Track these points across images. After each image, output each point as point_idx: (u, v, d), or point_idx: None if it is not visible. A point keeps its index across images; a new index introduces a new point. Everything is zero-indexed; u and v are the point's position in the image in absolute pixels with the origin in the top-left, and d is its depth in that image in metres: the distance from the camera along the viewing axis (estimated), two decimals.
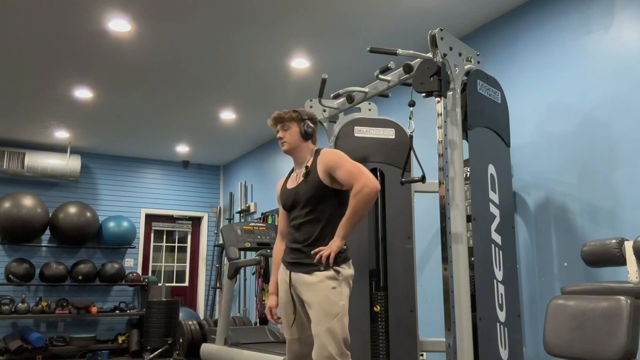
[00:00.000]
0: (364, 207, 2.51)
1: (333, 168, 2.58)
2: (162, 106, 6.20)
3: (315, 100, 3.93)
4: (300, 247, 2.59)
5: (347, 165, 2.57)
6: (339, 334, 2.46)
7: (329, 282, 2.50)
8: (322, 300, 2.48)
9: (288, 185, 2.74)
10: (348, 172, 2.55)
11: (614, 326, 2.38)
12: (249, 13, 4.16)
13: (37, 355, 6.76)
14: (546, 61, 3.79)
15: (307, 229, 2.60)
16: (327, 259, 2.48)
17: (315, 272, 2.52)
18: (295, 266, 2.60)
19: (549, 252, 3.60)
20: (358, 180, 2.51)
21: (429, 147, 4.41)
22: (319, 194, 2.60)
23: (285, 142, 2.71)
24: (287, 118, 2.71)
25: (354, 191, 2.50)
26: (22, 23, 4.29)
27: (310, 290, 2.52)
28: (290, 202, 2.69)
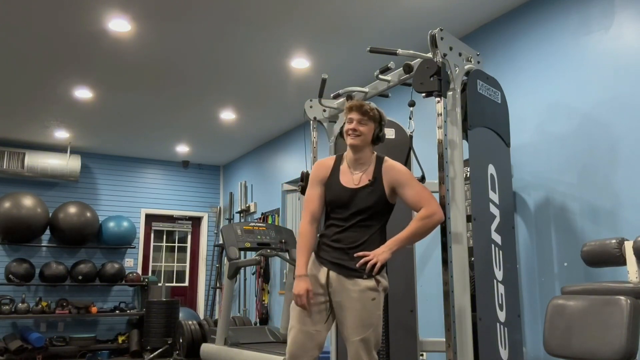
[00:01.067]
0: (427, 232, 2.52)
1: (401, 184, 2.57)
2: (162, 106, 6.20)
3: (315, 100, 3.93)
4: (345, 249, 2.53)
5: (418, 187, 2.56)
6: (373, 343, 2.48)
7: (369, 292, 2.47)
8: (360, 310, 2.46)
9: (342, 181, 2.61)
10: (419, 194, 2.54)
11: (614, 326, 2.38)
12: (249, 13, 4.16)
13: (37, 355, 6.77)
14: (546, 61, 3.79)
15: (356, 233, 2.55)
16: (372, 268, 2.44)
17: (357, 279, 2.48)
18: (337, 267, 2.53)
19: (549, 252, 3.60)
20: (430, 205, 2.52)
21: (429, 147, 4.41)
22: (379, 205, 2.57)
23: (360, 137, 2.59)
24: (371, 114, 2.62)
25: (423, 214, 2.50)
26: (22, 23, 4.29)
27: (349, 297, 2.48)
28: (344, 201, 2.58)
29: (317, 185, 2.65)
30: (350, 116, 2.62)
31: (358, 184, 2.59)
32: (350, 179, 2.61)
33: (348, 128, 2.61)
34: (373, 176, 2.59)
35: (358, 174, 2.62)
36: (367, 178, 2.59)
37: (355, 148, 2.62)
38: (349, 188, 2.58)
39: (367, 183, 2.58)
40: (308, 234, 2.58)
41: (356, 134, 2.59)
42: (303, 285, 2.48)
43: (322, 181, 2.65)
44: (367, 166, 2.63)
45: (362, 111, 2.60)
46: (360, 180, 2.59)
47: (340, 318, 2.51)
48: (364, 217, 2.55)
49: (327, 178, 2.64)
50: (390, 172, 2.60)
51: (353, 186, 2.59)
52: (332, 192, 2.61)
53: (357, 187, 2.58)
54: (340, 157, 2.71)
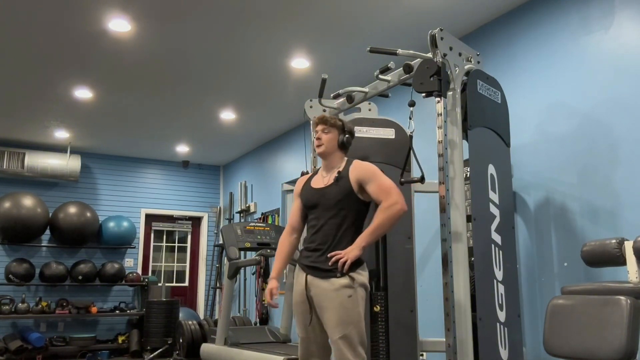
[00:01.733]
0: (390, 223, 2.62)
1: (366, 179, 2.68)
2: (162, 106, 6.20)
3: (315, 100, 3.93)
4: (319, 249, 2.66)
5: (381, 180, 2.68)
6: (356, 339, 2.54)
7: (344, 290, 2.56)
8: (338, 308, 2.54)
9: (313, 185, 2.80)
10: (381, 186, 2.66)
11: (614, 326, 2.38)
12: (249, 13, 4.16)
13: (37, 355, 6.77)
14: (546, 61, 3.79)
15: (328, 231, 2.67)
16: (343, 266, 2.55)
17: (331, 278, 2.58)
18: (312, 270, 2.66)
19: (549, 252, 3.60)
20: (390, 196, 2.62)
21: (429, 147, 4.42)
22: (347, 200, 2.69)
23: (323, 145, 2.80)
24: (331, 122, 2.83)
25: (384, 205, 2.61)
26: (22, 23, 4.29)
27: (326, 297, 2.58)
28: (314, 202, 2.75)
29: (296, 199, 2.90)
30: (316, 129, 2.85)
31: (326, 184, 2.77)
32: (321, 181, 2.80)
33: (314, 140, 2.88)
34: (340, 174, 2.75)
35: (328, 176, 2.80)
36: (334, 176, 2.77)
37: (323, 155, 2.83)
38: (318, 188, 2.77)
39: (333, 180, 2.75)
40: (284, 243, 2.86)
41: (320, 142, 2.81)
42: (270, 284, 2.74)
43: (298, 193, 2.88)
44: (338, 168, 2.81)
45: (323, 121, 2.83)
46: (329, 181, 2.77)
47: (323, 319, 2.61)
48: (332, 213, 2.69)
49: (301, 188, 2.87)
50: (356, 169, 2.74)
51: (322, 186, 2.77)
52: (305, 196, 2.82)
53: (325, 186, 2.75)
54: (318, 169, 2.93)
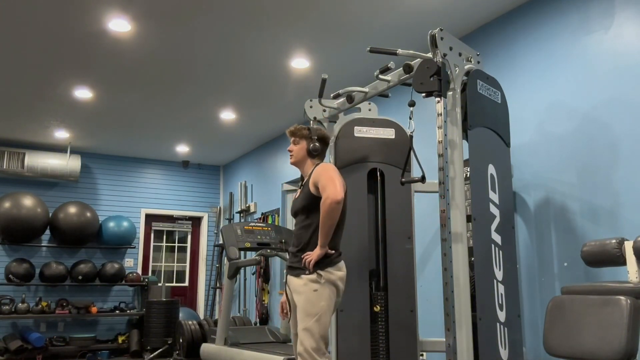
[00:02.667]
0: (328, 217, 2.71)
1: (317, 181, 2.83)
2: (162, 106, 6.20)
3: (315, 100, 3.93)
4: (294, 252, 2.88)
5: (323, 178, 2.80)
6: (316, 332, 2.69)
7: (311, 284, 2.75)
8: (304, 301, 2.75)
9: (295, 196, 3.02)
10: (322, 184, 2.78)
11: (614, 326, 2.38)
12: (249, 13, 4.16)
13: (37, 355, 6.77)
14: (546, 61, 3.79)
15: (301, 235, 2.88)
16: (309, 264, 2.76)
17: (302, 275, 2.79)
18: (290, 269, 2.90)
19: (549, 252, 3.60)
20: (324, 191, 2.74)
21: (429, 147, 4.42)
22: (310, 204, 2.86)
23: (292, 155, 3.01)
24: (298, 134, 3.00)
25: (322, 200, 2.74)
26: (22, 23, 4.29)
27: (297, 292, 2.80)
28: (293, 211, 2.98)
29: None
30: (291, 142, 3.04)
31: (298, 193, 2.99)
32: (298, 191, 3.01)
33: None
34: (303, 180, 2.97)
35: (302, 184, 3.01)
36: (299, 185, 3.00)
37: (295, 165, 3.04)
38: (295, 199, 2.99)
39: (300, 188, 2.98)
40: None
41: (290, 154, 3.03)
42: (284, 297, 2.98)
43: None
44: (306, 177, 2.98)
45: (292, 133, 3.01)
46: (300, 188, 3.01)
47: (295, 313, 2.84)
48: (303, 217, 2.89)
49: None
50: (314, 173, 2.88)
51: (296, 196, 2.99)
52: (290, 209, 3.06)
53: (297, 195, 2.98)
54: None
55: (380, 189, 3.61)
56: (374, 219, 3.59)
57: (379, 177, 3.61)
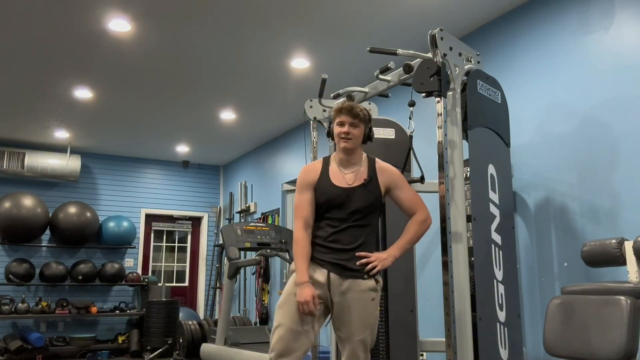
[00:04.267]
0: (422, 236, 2.64)
1: (397, 186, 2.65)
2: (162, 106, 6.20)
3: (315, 100, 3.93)
4: (345, 249, 2.52)
5: (412, 191, 2.67)
6: (369, 343, 2.53)
7: (370, 293, 2.50)
8: (362, 310, 2.48)
9: (335, 181, 2.59)
10: (414, 197, 2.65)
11: (614, 326, 2.38)
12: (249, 13, 4.16)
13: (37, 355, 6.77)
14: (546, 61, 3.79)
15: (355, 233, 2.55)
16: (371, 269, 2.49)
17: (358, 279, 2.50)
18: (337, 267, 2.51)
19: (549, 252, 3.60)
20: (423, 209, 2.64)
21: (429, 147, 4.41)
22: (375, 204, 2.61)
23: (352, 140, 2.59)
24: (361, 116, 2.62)
25: (420, 218, 2.61)
26: (22, 23, 4.29)
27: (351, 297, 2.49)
28: (339, 201, 2.56)
29: (307, 190, 2.61)
30: (341, 119, 2.61)
31: (352, 183, 2.59)
32: (342, 179, 2.60)
33: (340, 131, 2.60)
34: (368, 175, 2.61)
35: (350, 173, 2.62)
36: (362, 177, 2.60)
37: (348, 151, 2.62)
38: (344, 188, 2.57)
39: (363, 182, 2.59)
40: (304, 240, 2.54)
41: (348, 137, 2.59)
42: (309, 291, 2.43)
43: (311, 185, 2.61)
44: (359, 166, 2.64)
45: (354, 114, 2.59)
46: (355, 180, 2.60)
47: (341, 318, 2.50)
48: (360, 216, 2.56)
49: (316, 181, 2.61)
50: (385, 172, 2.65)
51: (346, 186, 2.58)
52: (326, 194, 2.57)
53: (351, 187, 2.58)
54: (328, 159, 2.70)
55: None
56: None
57: None
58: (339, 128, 2.61)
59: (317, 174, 2.63)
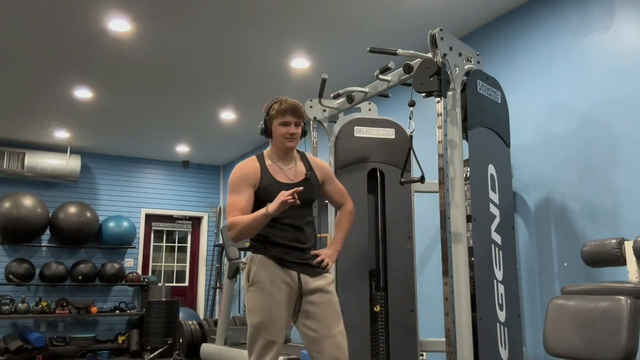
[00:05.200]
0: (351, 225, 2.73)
1: (329, 179, 2.68)
2: (162, 106, 6.20)
3: (315, 100, 3.93)
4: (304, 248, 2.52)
5: (339, 182, 2.75)
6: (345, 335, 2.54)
7: (333, 285, 2.57)
8: (334, 302, 2.50)
9: (278, 178, 2.54)
10: (341, 189, 2.73)
11: (614, 326, 2.38)
12: (249, 13, 4.16)
13: (37, 355, 6.76)
14: (546, 61, 3.79)
15: (309, 231, 2.56)
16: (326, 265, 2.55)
17: (323, 274, 2.53)
18: (304, 267, 2.50)
19: (549, 252, 3.60)
20: (349, 200, 2.73)
21: (429, 147, 4.41)
22: (316, 198, 2.65)
23: (296, 139, 2.59)
24: (303, 115, 2.63)
25: (349, 209, 2.71)
26: (22, 23, 4.29)
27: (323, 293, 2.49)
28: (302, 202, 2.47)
29: (246, 188, 2.53)
30: (286, 120, 2.58)
31: (294, 179, 2.56)
32: (284, 175, 2.56)
33: (287, 131, 2.56)
34: (307, 170, 2.60)
35: (289, 169, 2.59)
36: (302, 172, 2.59)
37: (290, 150, 2.60)
38: (289, 184, 2.51)
39: (305, 177, 2.57)
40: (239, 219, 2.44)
41: (294, 137, 2.57)
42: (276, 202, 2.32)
43: (252, 184, 2.54)
44: (294, 161, 2.63)
45: (299, 114, 2.60)
46: (296, 176, 2.57)
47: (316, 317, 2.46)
48: (308, 211, 2.58)
49: (258, 180, 2.55)
50: (319, 166, 2.67)
51: (290, 182, 2.53)
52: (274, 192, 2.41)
53: (294, 183, 2.53)
54: (262, 157, 2.66)
55: (380, 189, 3.61)
56: (374, 219, 3.59)
57: (379, 177, 3.61)
58: (283, 128, 2.57)
59: (257, 172, 2.57)
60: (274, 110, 2.64)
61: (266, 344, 2.41)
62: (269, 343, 2.41)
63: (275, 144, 2.62)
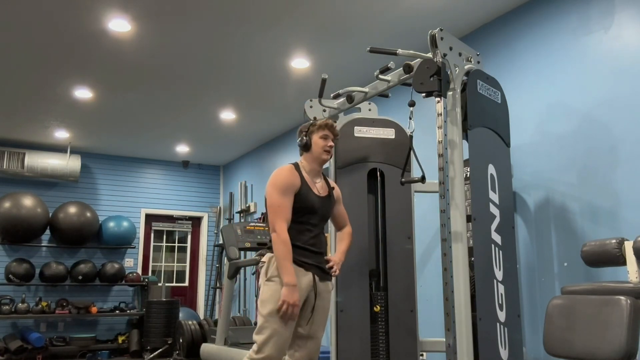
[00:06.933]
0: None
1: (339, 201, 2.98)
2: (162, 106, 6.20)
3: (315, 100, 3.93)
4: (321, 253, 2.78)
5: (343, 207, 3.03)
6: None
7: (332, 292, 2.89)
8: (327, 308, 2.79)
9: (315, 191, 2.79)
10: (345, 213, 3.01)
11: (614, 326, 2.38)
12: (249, 13, 4.16)
13: (37, 355, 6.77)
14: (546, 61, 3.79)
15: (322, 238, 2.83)
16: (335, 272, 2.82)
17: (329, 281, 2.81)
18: (320, 270, 2.75)
19: (549, 252, 3.60)
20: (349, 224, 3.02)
21: (429, 147, 4.42)
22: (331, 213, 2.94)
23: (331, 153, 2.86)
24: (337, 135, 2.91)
25: (349, 231, 2.99)
26: (22, 23, 4.29)
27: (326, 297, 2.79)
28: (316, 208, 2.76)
29: (290, 194, 2.71)
30: (326, 133, 2.82)
31: (321, 193, 2.82)
32: (316, 188, 2.82)
33: (326, 144, 2.81)
34: (329, 187, 2.90)
35: (318, 184, 2.85)
36: (325, 188, 2.87)
37: (324, 163, 2.86)
38: (320, 196, 2.80)
39: (327, 193, 2.86)
40: (289, 242, 2.63)
41: (331, 150, 2.84)
42: (297, 295, 2.56)
43: (294, 190, 2.73)
44: (321, 177, 2.89)
45: (336, 133, 2.86)
46: (322, 190, 2.84)
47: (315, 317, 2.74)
48: (324, 223, 2.86)
49: (299, 187, 2.75)
50: (334, 187, 2.97)
51: (320, 195, 2.81)
52: (309, 200, 2.74)
53: (322, 196, 2.82)
54: (298, 168, 2.84)
55: (380, 189, 3.61)
56: (374, 219, 3.59)
57: (379, 177, 3.61)
58: (323, 141, 2.81)
59: (299, 181, 2.77)
60: (314, 126, 2.86)
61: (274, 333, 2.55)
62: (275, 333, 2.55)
63: (314, 156, 2.83)
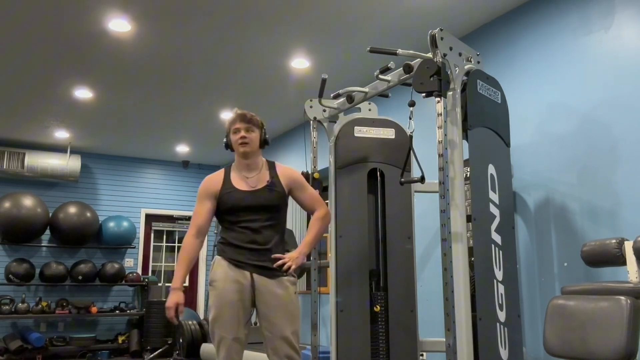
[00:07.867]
0: (324, 231, 2.81)
1: (298, 187, 2.83)
2: (162, 106, 6.20)
3: (315, 100, 3.93)
4: (262, 250, 2.68)
5: (310, 189, 2.87)
6: (299, 334, 2.68)
7: (292, 287, 2.70)
8: (289, 304, 2.65)
9: (237, 186, 2.74)
10: (312, 196, 2.86)
11: (614, 326, 2.38)
12: (249, 13, 4.16)
13: (37, 355, 6.77)
14: (546, 61, 3.79)
15: (268, 233, 2.71)
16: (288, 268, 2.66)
17: (280, 277, 2.67)
18: (259, 269, 2.66)
19: (549, 252, 3.60)
20: (322, 205, 2.84)
21: (429, 147, 4.42)
22: (281, 204, 2.78)
23: (249, 144, 2.76)
24: (254, 121, 2.80)
25: (320, 215, 2.81)
26: (22, 23, 4.29)
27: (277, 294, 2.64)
28: (246, 204, 2.70)
29: (206, 200, 2.75)
30: (236, 127, 2.77)
31: (256, 186, 2.74)
32: (246, 183, 2.75)
33: (237, 137, 2.76)
34: (270, 176, 2.79)
35: (252, 177, 2.77)
36: (265, 179, 2.77)
37: (247, 155, 2.77)
38: (249, 191, 2.73)
39: (266, 184, 2.76)
40: (191, 247, 2.69)
41: (245, 141, 2.75)
42: (175, 298, 2.60)
43: (212, 195, 2.75)
44: (260, 170, 2.81)
45: (247, 119, 2.77)
46: (258, 183, 2.76)
47: (268, 317, 2.62)
48: (270, 215, 2.72)
49: (219, 190, 2.75)
50: (286, 172, 2.84)
51: (250, 189, 2.73)
52: (231, 199, 2.71)
53: (255, 189, 2.73)
54: (229, 169, 2.84)
55: (380, 189, 3.61)
56: (374, 219, 3.59)
57: (379, 177, 3.61)
58: (235, 135, 2.78)
59: (219, 183, 2.77)
60: (227, 123, 2.85)
61: (220, 339, 2.60)
62: (221, 338, 2.59)
63: (236, 152, 2.81)
